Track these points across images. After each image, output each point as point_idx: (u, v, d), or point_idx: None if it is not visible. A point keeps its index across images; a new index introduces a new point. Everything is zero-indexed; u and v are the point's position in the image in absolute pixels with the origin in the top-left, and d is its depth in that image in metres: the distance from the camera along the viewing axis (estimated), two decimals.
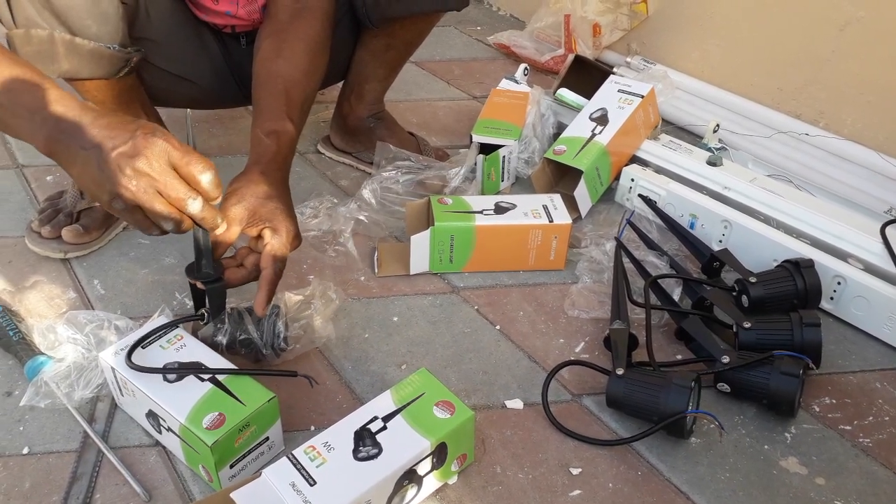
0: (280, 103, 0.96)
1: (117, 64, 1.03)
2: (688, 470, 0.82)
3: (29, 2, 0.92)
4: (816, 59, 1.40)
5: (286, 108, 0.95)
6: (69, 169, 0.74)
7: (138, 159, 0.70)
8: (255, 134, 0.94)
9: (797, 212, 1.11)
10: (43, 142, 0.73)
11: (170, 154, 0.72)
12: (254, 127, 0.95)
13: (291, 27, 1.01)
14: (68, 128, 0.72)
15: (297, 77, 0.99)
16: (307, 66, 1.01)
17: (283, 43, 1.00)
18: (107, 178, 0.70)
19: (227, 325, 0.86)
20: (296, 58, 1.00)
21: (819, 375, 0.94)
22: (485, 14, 2.16)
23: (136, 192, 0.70)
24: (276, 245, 0.87)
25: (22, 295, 1.03)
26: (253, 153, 0.92)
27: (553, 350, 0.98)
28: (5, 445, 0.83)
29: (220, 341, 0.86)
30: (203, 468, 0.77)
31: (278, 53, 0.99)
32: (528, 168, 1.31)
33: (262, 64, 1.00)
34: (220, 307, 0.86)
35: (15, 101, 0.73)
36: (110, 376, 0.84)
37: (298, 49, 1.00)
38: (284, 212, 0.88)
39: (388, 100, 1.37)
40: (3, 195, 1.25)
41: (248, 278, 0.88)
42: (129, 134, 0.71)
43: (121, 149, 0.70)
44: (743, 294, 0.99)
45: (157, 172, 0.71)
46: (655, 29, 1.70)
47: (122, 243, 1.14)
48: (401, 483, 0.73)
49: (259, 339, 0.87)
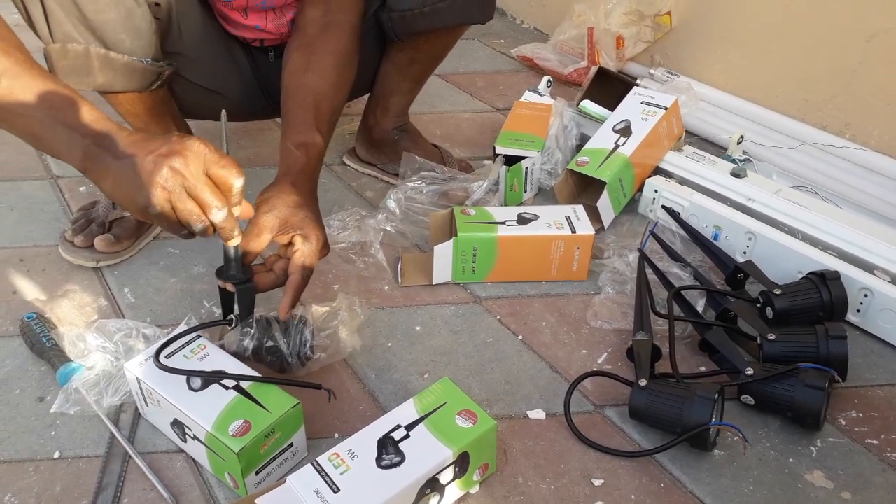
0: (309, 116, 0.98)
1: (150, 77, 1.05)
2: (711, 482, 0.82)
3: (66, 17, 0.95)
4: (843, 70, 1.39)
5: (315, 121, 0.97)
6: (102, 182, 0.76)
7: (175, 158, 0.72)
8: (285, 146, 0.96)
9: (823, 223, 1.10)
10: (80, 158, 0.76)
11: (206, 156, 0.73)
12: (283, 139, 0.97)
13: (320, 41, 1.03)
14: (104, 142, 0.75)
15: (326, 90, 1.01)
16: (335, 79, 1.03)
17: (311, 56, 1.02)
18: (142, 181, 0.72)
19: (254, 331, 0.88)
20: (324, 71, 1.02)
21: (845, 389, 0.93)
22: (508, 27, 2.18)
23: (170, 190, 0.72)
24: (306, 251, 0.88)
25: (55, 303, 1.06)
26: (283, 164, 0.94)
27: (575, 361, 0.98)
28: (37, 450, 0.85)
29: (246, 346, 0.87)
30: (229, 476, 0.79)
31: (307, 67, 1.01)
32: (551, 179, 1.31)
33: (291, 77, 1.02)
34: (249, 310, 0.88)
35: (53, 119, 0.75)
36: (135, 387, 0.85)
37: (327, 62, 1.02)
38: (314, 220, 0.90)
39: (413, 112, 1.38)
40: (38, 205, 1.28)
41: (276, 283, 0.90)
42: (164, 140, 0.73)
43: (159, 150, 0.72)
44: (767, 306, 0.98)
45: (191, 174, 0.72)
46: (679, 41, 1.70)
47: (153, 252, 1.17)
48: (423, 491, 0.74)
49: (286, 346, 0.88)
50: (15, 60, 0.75)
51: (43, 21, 0.95)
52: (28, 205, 1.28)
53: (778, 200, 1.15)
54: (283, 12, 1.13)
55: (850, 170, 1.36)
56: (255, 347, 0.88)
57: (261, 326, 0.88)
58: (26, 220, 1.24)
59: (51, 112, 0.75)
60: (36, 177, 1.36)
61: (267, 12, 1.12)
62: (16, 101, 0.75)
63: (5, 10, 0.98)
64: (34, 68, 0.77)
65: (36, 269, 1.13)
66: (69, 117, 0.75)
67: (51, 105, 0.75)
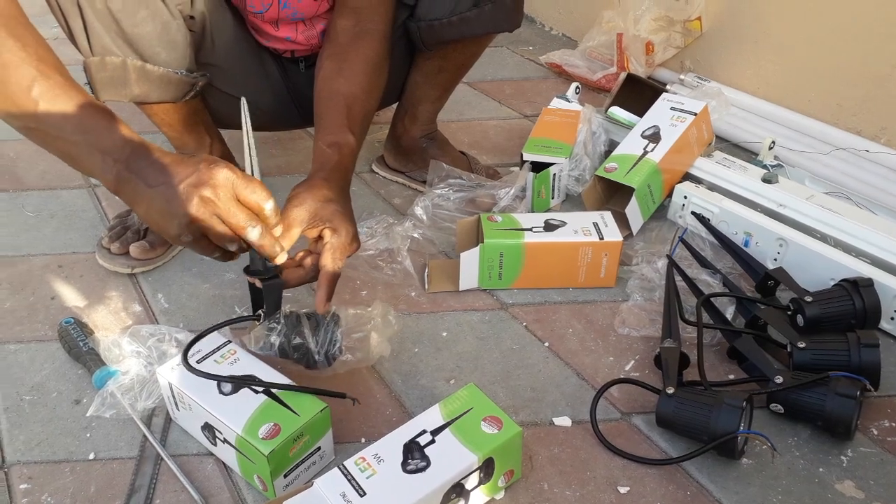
0: (341, 117, 0.99)
1: (184, 88, 1.08)
2: (739, 491, 0.81)
3: (105, 31, 0.98)
4: (877, 74, 1.36)
5: (347, 122, 0.98)
6: (135, 207, 0.79)
7: (204, 188, 0.74)
8: (318, 146, 0.97)
9: (856, 230, 1.08)
10: (112, 182, 0.78)
11: (234, 183, 0.75)
12: (316, 140, 0.98)
13: (351, 49, 1.05)
14: (136, 167, 0.77)
15: (358, 94, 1.02)
16: (367, 84, 1.04)
17: (343, 63, 1.04)
18: (175, 210, 0.74)
19: (281, 326, 0.87)
20: (356, 77, 1.03)
21: (878, 398, 0.92)
22: (537, 34, 2.18)
23: (203, 219, 0.74)
24: (336, 244, 0.89)
25: (91, 308, 1.09)
26: (315, 162, 0.96)
27: (602, 368, 0.98)
28: (73, 451, 0.87)
29: (272, 342, 0.87)
30: (258, 478, 0.80)
31: (339, 73, 1.03)
32: (578, 186, 1.31)
33: (323, 83, 1.03)
34: (276, 305, 0.88)
35: (89, 142, 0.78)
36: (167, 392, 0.87)
37: (358, 69, 1.04)
38: (344, 214, 0.90)
39: (441, 120, 1.39)
40: (77, 213, 1.32)
41: (305, 278, 0.90)
42: (193, 167, 0.75)
43: (188, 180, 0.74)
44: (798, 313, 0.97)
45: (222, 200, 0.74)
46: (709, 46, 1.69)
47: (186, 259, 1.19)
48: (448, 496, 0.74)
49: (314, 344, 0.87)
50: (53, 84, 0.77)
51: (83, 35, 0.98)
52: (67, 213, 1.32)
53: (810, 206, 1.14)
54: (314, 24, 1.15)
55: (885, 175, 1.34)
56: (281, 343, 0.87)
57: (289, 322, 0.88)
58: (65, 227, 1.28)
59: (85, 136, 0.77)
60: (74, 185, 1.40)
61: (297, 24, 1.14)
62: (52, 124, 0.77)
63: (47, 24, 1.01)
64: (72, 89, 0.78)
65: (74, 276, 1.16)
66: (102, 141, 0.77)
67: (85, 129, 0.77)
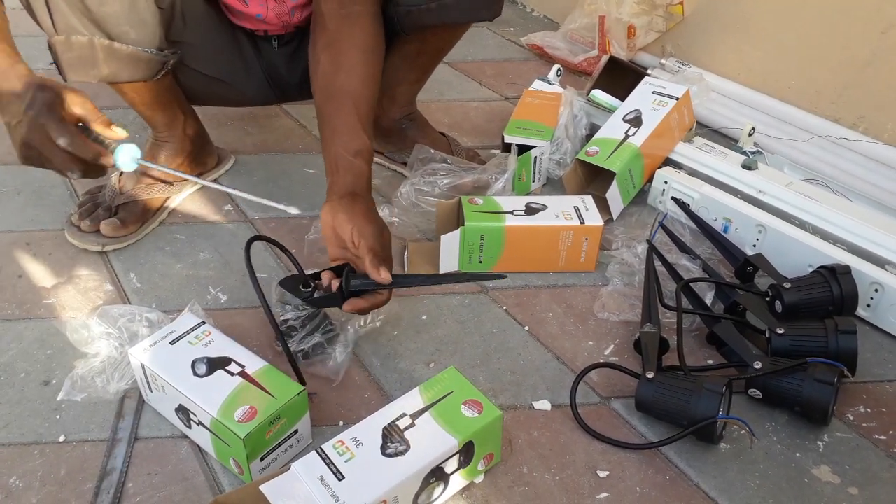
0: (354, 119, 0.98)
1: (155, 67, 1.05)
2: (717, 476, 0.81)
3: (69, 10, 0.94)
4: (857, 62, 1.37)
5: (361, 124, 0.98)
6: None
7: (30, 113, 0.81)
8: (340, 153, 0.96)
9: (834, 217, 1.09)
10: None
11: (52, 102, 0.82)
12: (334, 145, 0.97)
13: (345, 36, 1.02)
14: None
15: (360, 89, 1.01)
16: (367, 75, 1.02)
17: (340, 55, 1.01)
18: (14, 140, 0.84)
19: (304, 314, 0.93)
20: (356, 69, 1.01)
21: (854, 384, 0.92)
22: (518, 15, 2.16)
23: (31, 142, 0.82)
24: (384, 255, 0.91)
25: (61, 287, 1.06)
26: (347, 175, 0.94)
27: (582, 352, 0.97)
28: (42, 433, 0.85)
29: (289, 315, 0.93)
30: (234, 461, 0.78)
31: (338, 66, 1.01)
32: (559, 169, 1.30)
33: (323, 79, 1.01)
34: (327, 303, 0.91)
35: None
36: (139, 373, 0.85)
37: (357, 60, 1.01)
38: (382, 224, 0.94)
39: (421, 100, 1.37)
40: (45, 189, 1.28)
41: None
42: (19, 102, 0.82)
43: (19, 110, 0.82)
44: (777, 299, 0.97)
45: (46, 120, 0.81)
46: (691, 31, 1.68)
47: (159, 238, 1.16)
48: (427, 480, 0.74)
49: (302, 334, 0.93)
50: None
51: (45, 13, 0.95)
52: (35, 188, 1.28)
53: (789, 193, 1.14)
54: (284, 0, 1.12)
55: (863, 163, 1.35)
56: (291, 321, 0.92)
57: (313, 315, 0.92)
58: (33, 203, 1.24)
59: None
60: None
61: (267, 0, 1.11)
62: None
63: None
64: None
65: (42, 253, 1.13)
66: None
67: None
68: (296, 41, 1.20)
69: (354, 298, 0.89)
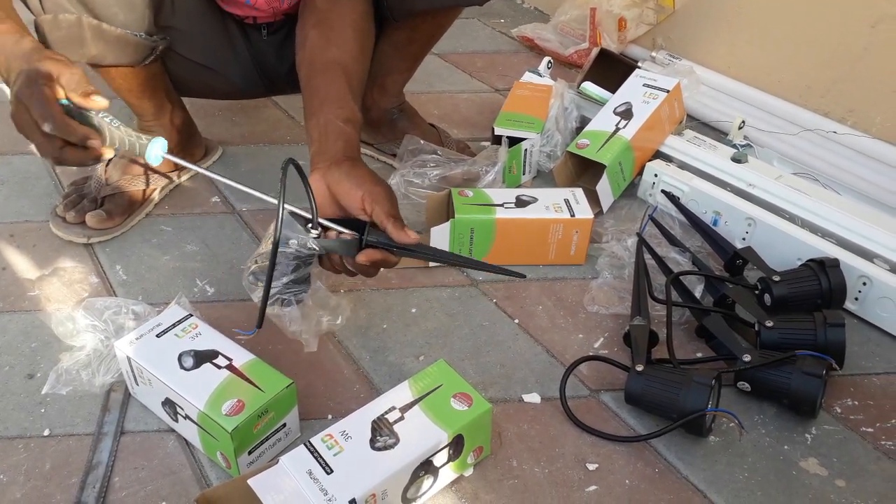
0: (345, 90, 0.95)
1: (143, 52, 1.03)
2: (706, 468, 0.81)
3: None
4: (847, 56, 1.37)
5: (351, 95, 0.95)
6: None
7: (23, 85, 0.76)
8: (331, 120, 0.91)
9: (823, 210, 1.09)
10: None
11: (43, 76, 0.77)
12: (323, 113, 0.92)
13: (335, 14, 1.00)
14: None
15: (351, 64, 0.98)
16: (358, 51, 1.00)
17: (330, 31, 0.99)
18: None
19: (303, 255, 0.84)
20: (347, 44, 0.99)
21: (842, 377, 0.93)
22: (509, 6, 2.15)
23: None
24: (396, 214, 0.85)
25: (46, 280, 1.05)
26: (339, 142, 0.90)
27: (572, 345, 0.97)
28: (27, 427, 0.84)
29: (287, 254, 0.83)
30: (221, 455, 0.78)
31: (329, 41, 0.99)
32: (550, 162, 1.30)
33: (313, 53, 0.98)
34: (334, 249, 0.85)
35: None
36: (125, 366, 0.84)
37: (349, 36, 1.00)
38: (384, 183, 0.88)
39: (411, 91, 1.36)
40: (30, 180, 1.26)
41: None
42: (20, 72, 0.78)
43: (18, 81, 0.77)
44: (766, 293, 0.97)
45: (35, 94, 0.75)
46: (682, 24, 1.68)
47: (145, 230, 1.15)
48: (417, 474, 0.73)
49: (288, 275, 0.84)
50: None
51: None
52: (19, 180, 1.26)
53: (778, 187, 1.14)
54: None
55: (852, 157, 1.35)
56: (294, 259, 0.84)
57: (305, 264, 0.85)
58: (17, 195, 1.23)
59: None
60: (27, 151, 1.34)
61: None
62: None
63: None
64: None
65: (26, 245, 1.11)
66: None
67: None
68: (285, 29, 1.18)
69: (370, 249, 0.84)
